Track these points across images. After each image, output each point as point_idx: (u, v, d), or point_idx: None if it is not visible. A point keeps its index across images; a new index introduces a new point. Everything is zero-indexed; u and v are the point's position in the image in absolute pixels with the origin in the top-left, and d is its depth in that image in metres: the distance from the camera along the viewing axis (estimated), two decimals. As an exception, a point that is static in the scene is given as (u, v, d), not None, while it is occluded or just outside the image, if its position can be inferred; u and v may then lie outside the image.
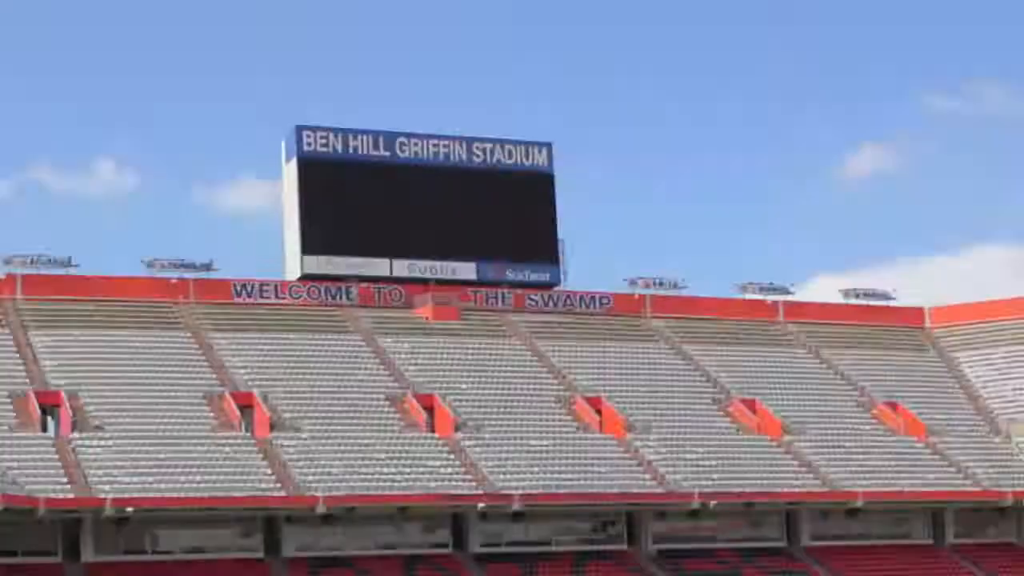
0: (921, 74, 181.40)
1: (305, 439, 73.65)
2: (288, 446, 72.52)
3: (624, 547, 77.11)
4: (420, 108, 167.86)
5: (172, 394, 75.35)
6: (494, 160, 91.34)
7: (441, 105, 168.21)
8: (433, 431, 76.82)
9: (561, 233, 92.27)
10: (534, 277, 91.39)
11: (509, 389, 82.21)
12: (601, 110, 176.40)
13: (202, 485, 68.16)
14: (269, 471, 70.09)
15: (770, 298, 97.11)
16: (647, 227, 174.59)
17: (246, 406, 75.09)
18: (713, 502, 75.26)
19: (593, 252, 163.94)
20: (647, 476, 75.82)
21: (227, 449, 71.44)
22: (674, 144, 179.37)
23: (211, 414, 74.41)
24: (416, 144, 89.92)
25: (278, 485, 69.30)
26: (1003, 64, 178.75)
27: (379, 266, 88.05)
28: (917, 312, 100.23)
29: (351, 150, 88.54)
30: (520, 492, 72.18)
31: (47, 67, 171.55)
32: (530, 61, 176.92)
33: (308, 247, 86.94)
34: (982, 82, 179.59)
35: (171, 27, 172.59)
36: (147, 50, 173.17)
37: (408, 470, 72.42)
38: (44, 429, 71.12)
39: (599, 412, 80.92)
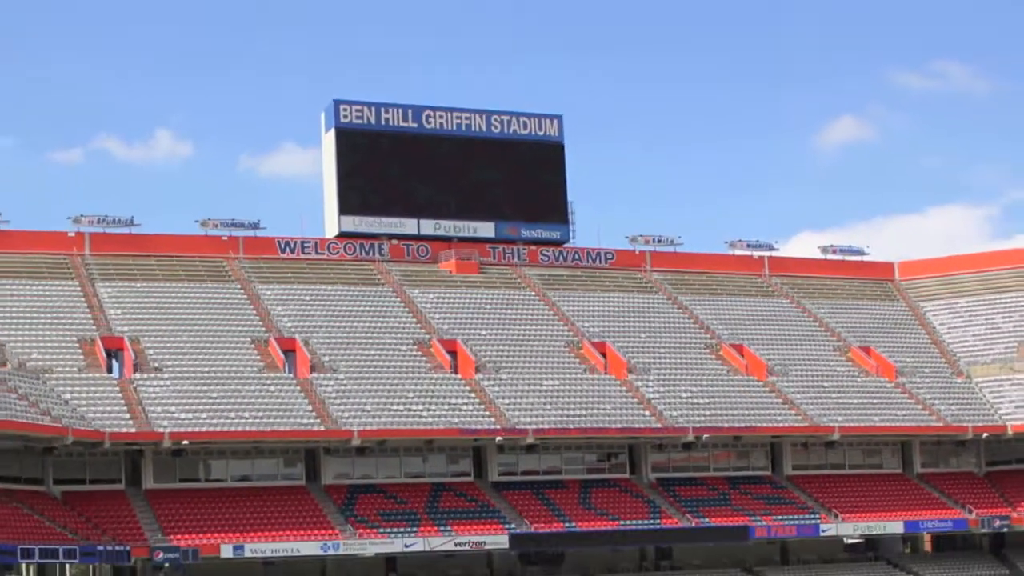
0: (892, 55, 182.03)
1: (342, 379, 73.06)
2: (327, 385, 71.97)
3: (626, 476, 76.78)
4: (445, 84, 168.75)
5: (223, 339, 74.90)
6: (510, 131, 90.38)
7: (463, 81, 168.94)
8: (456, 372, 76.22)
9: (570, 195, 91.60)
10: (546, 235, 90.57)
11: (524, 335, 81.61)
12: (606, 86, 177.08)
13: (250, 420, 67.83)
14: (310, 408, 69.60)
15: (756, 253, 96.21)
16: (647, 190, 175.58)
17: (289, 350, 74.67)
18: (705, 435, 74.87)
19: (599, 212, 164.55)
20: (646, 413, 75.19)
21: (272, 388, 70.90)
22: (671, 115, 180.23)
23: (258, 357, 73.87)
24: (441, 116, 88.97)
25: (318, 420, 68.82)
26: (965, 47, 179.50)
27: (408, 225, 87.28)
28: (887, 266, 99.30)
29: (383, 122, 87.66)
30: (533, 427, 71.72)
31: (113, 50, 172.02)
32: (543, 43, 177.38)
33: (345, 208, 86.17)
34: (947, 63, 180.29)
35: (222, 11, 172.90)
36: (202, 33, 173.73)
37: (434, 407, 71.95)
38: (109, 371, 70.61)
39: (604, 355, 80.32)
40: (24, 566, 65.19)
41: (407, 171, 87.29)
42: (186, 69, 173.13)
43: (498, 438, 71.40)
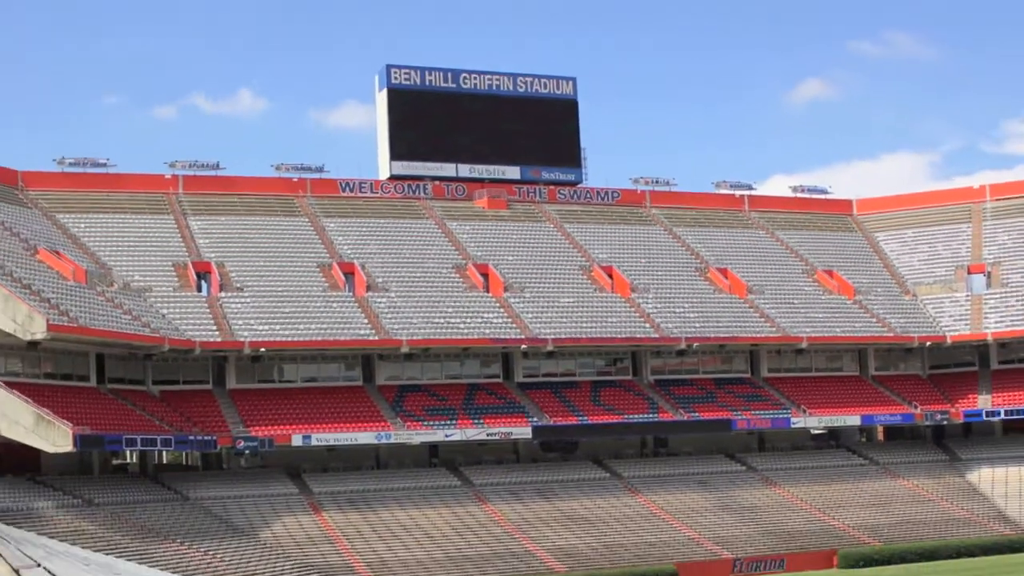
0: (849, 27, 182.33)
1: (393, 297, 71.43)
2: (380, 302, 70.39)
3: (629, 377, 75.19)
4: (478, 51, 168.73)
5: (294, 264, 73.23)
6: (533, 90, 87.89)
7: (494, 48, 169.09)
8: (488, 291, 74.50)
9: (583, 143, 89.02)
10: (562, 177, 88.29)
11: (544, 260, 79.75)
12: (613, 53, 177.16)
13: (316, 331, 66.54)
14: (366, 321, 68.11)
15: (737, 192, 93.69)
16: (648, 139, 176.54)
17: (348, 273, 73.05)
18: (695, 344, 73.39)
19: (607, 158, 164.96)
20: (646, 325, 73.53)
21: (335, 305, 69.42)
22: (668, 76, 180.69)
23: (323, 279, 72.18)
24: (475, 78, 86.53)
25: (372, 331, 67.36)
26: (911, 19, 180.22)
27: (447, 169, 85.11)
28: (847, 203, 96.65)
29: (427, 82, 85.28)
30: (552, 337, 70.37)
31: (203, 23, 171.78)
32: (561, 16, 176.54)
33: (395, 154, 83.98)
34: (895, 33, 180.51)
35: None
36: (279, 7, 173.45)
37: (469, 320, 70.52)
38: (199, 290, 69.13)
39: (611, 277, 78.56)
40: (128, 452, 64.41)
41: (447, 124, 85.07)
42: (265, 37, 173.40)
43: (523, 346, 70.00)
